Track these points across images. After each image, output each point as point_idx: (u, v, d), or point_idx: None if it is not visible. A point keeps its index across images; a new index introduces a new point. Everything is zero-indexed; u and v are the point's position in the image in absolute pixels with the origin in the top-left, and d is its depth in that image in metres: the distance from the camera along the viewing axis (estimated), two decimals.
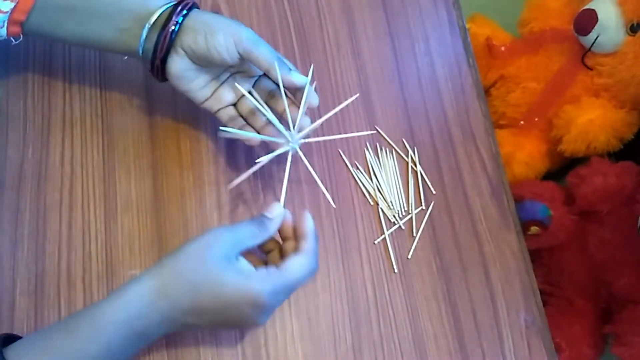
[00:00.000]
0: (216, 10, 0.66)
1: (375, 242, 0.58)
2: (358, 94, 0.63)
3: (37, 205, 0.56)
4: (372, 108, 0.64)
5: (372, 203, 0.60)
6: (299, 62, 0.65)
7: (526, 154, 1.10)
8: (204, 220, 0.57)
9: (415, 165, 0.62)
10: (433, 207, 0.61)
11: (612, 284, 0.98)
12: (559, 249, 1.04)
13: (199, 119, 0.60)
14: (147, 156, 0.59)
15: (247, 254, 0.47)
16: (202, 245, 0.43)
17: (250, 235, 0.45)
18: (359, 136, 0.62)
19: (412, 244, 0.59)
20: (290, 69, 0.50)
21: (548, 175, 1.15)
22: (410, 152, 0.62)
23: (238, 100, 0.54)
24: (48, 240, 0.55)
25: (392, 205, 0.60)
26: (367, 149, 0.62)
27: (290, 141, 0.51)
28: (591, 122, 1.01)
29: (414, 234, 0.59)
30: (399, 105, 0.65)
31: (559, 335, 0.99)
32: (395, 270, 0.58)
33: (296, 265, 0.45)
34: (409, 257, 0.58)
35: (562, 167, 1.16)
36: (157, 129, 0.60)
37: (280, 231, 0.49)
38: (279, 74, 0.48)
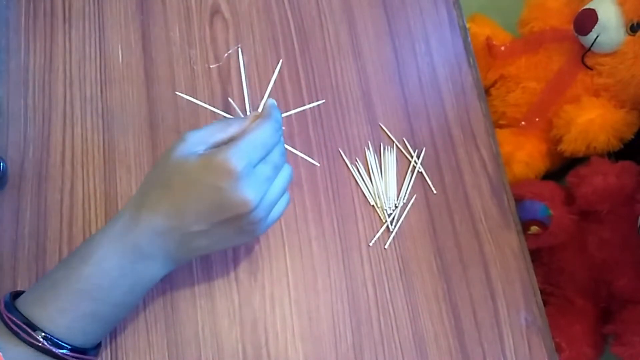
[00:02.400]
0: (216, 11, 0.66)
1: (370, 243, 0.58)
2: (324, 100, 0.63)
3: (37, 204, 0.56)
4: (372, 108, 0.64)
5: (372, 203, 0.60)
6: (300, 62, 0.65)
7: (526, 154, 1.10)
8: None
9: (418, 164, 0.62)
10: (434, 207, 0.61)
11: (612, 283, 0.98)
12: (559, 249, 1.04)
13: (200, 118, 0.60)
14: (148, 156, 0.59)
15: None
16: (166, 152, 0.43)
17: (218, 128, 0.44)
18: (358, 135, 0.62)
19: (412, 243, 0.59)
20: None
21: (548, 175, 1.14)
22: (411, 150, 0.62)
23: None
24: (49, 239, 0.55)
25: (387, 204, 0.60)
26: (368, 148, 0.62)
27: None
28: (591, 121, 1.01)
29: (390, 229, 0.59)
30: (399, 105, 0.65)
31: (559, 335, 0.99)
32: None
33: (254, 125, 0.43)
34: (386, 247, 0.58)
35: (562, 167, 1.16)
36: (157, 129, 0.60)
37: None
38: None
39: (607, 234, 0.98)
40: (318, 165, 0.60)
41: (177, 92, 0.51)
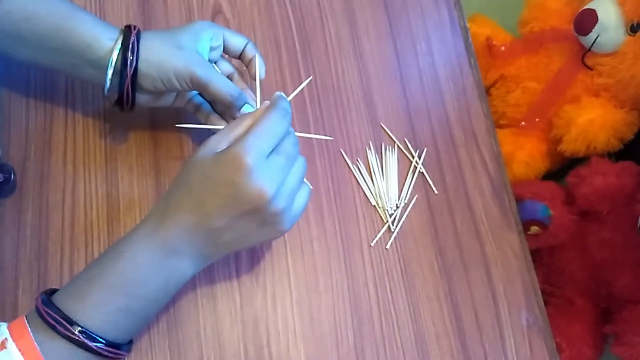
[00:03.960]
0: (218, 11, 0.66)
1: (372, 243, 0.58)
2: (311, 77, 0.64)
3: (39, 204, 0.56)
4: (373, 108, 0.64)
5: (373, 203, 0.60)
6: (301, 62, 0.65)
7: (526, 154, 1.10)
8: None
9: (419, 164, 0.62)
10: (435, 207, 0.61)
11: (612, 284, 0.99)
12: (559, 249, 1.04)
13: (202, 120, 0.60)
14: (150, 155, 0.59)
15: None
16: (191, 156, 0.45)
17: (233, 125, 0.45)
18: (359, 135, 0.62)
19: (413, 243, 0.59)
20: (245, 103, 0.52)
21: (548, 175, 1.15)
22: (412, 150, 0.62)
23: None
24: (50, 239, 0.55)
25: (388, 205, 0.60)
26: (369, 148, 0.62)
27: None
28: (591, 122, 1.02)
29: (392, 229, 0.59)
30: (400, 105, 0.65)
31: (559, 335, 0.99)
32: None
33: (261, 116, 0.45)
34: (387, 247, 0.58)
35: (562, 167, 1.16)
36: (159, 128, 0.60)
37: None
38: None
39: (607, 234, 0.98)
40: (332, 139, 0.61)
41: (177, 125, 0.54)
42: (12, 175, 0.56)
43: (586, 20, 1.00)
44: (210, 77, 0.50)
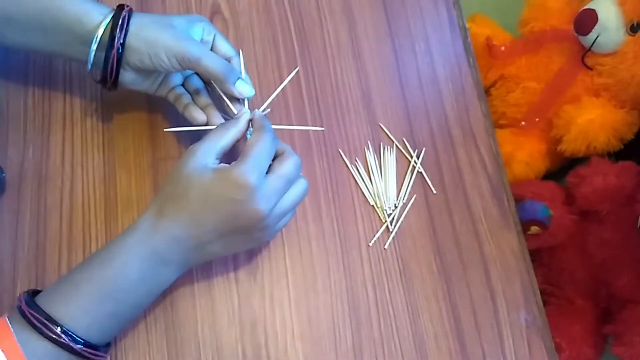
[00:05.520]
0: (216, 11, 0.66)
1: (370, 243, 0.58)
2: (298, 68, 0.63)
3: (37, 205, 0.56)
4: (372, 108, 0.64)
5: (371, 203, 0.60)
6: (300, 62, 0.65)
7: (526, 154, 1.10)
8: None
9: (417, 164, 0.62)
10: (433, 207, 0.61)
11: (612, 283, 0.98)
12: (559, 249, 1.04)
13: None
14: (148, 156, 0.59)
15: None
16: (179, 166, 0.46)
17: (218, 137, 0.48)
18: (358, 135, 0.62)
19: (411, 243, 0.59)
20: (238, 78, 0.52)
21: (548, 175, 1.14)
22: (411, 150, 0.62)
23: (184, 79, 0.56)
24: (48, 240, 0.55)
25: (386, 204, 0.60)
26: (368, 148, 0.62)
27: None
28: (591, 121, 1.01)
29: (390, 229, 0.59)
30: (399, 105, 0.65)
31: (559, 335, 0.99)
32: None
33: (254, 139, 0.47)
34: (385, 247, 0.58)
35: (562, 167, 1.16)
36: (157, 129, 0.60)
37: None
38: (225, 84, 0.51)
39: (607, 234, 0.98)
40: (323, 129, 0.61)
41: (165, 129, 0.55)
42: (1, 174, 0.56)
43: (586, 20, 1.00)
44: (201, 53, 0.49)
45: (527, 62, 1.15)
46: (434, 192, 0.61)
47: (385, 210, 0.59)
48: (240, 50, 0.55)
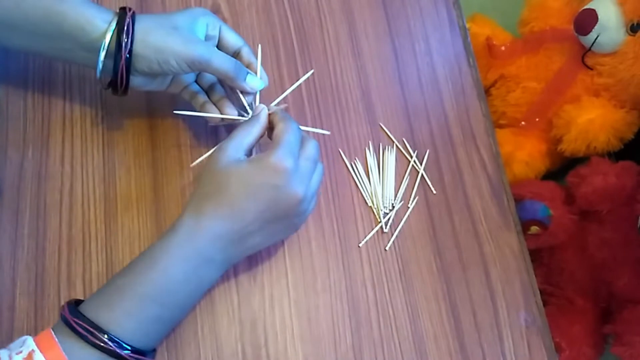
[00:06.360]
0: (216, 10, 0.66)
1: (360, 244, 0.58)
2: (313, 70, 0.63)
3: (37, 205, 0.56)
4: (372, 108, 0.64)
5: (369, 204, 0.60)
6: (299, 62, 0.65)
7: (526, 154, 1.10)
8: None
9: (417, 164, 0.62)
10: (433, 207, 0.61)
11: (612, 283, 0.98)
12: (559, 249, 1.04)
13: (199, 118, 0.60)
14: (147, 156, 0.59)
15: None
16: (211, 164, 0.47)
17: (244, 133, 0.49)
18: (358, 135, 0.62)
19: (411, 243, 0.59)
20: (247, 73, 0.53)
21: (548, 175, 1.14)
22: (411, 150, 0.62)
23: (197, 75, 0.57)
24: (48, 240, 0.55)
25: (383, 205, 0.59)
26: (368, 148, 0.62)
27: (251, 114, 0.53)
28: (591, 121, 1.01)
29: (385, 230, 0.59)
30: (399, 105, 0.65)
31: (559, 335, 0.98)
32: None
33: (283, 128, 0.48)
34: (387, 249, 0.58)
35: (562, 167, 1.16)
36: (157, 129, 0.60)
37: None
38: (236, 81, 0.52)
39: (607, 234, 0.98)
40: (329, 133, 0.61)
41: (175, 111, 0.55)
42: None
43: (586, 20, 1.00)
44: (210, 55, 0.49)
45: (527, 62, 1.15)
46: (434, 192, 0.61)
47: (382, 210, 0.59)
48: (259, 46, 0.56)
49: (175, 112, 0.54)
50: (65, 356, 0.40)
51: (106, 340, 0.41)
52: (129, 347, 0.42)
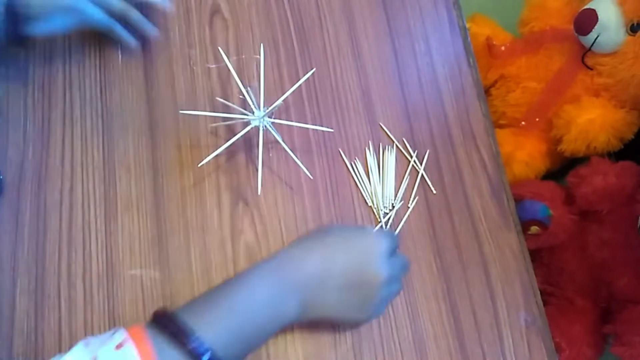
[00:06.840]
0: (216, 10, 0.66)
1: None
2: (315, 69, 0.64)
3: (37, 205, 0.56)
4: (372, 108, 0.64)
5: (369, 203, 0.60)
6: (299, 62, 0.65)
7: (526, 154, 1.10)
8: (204, 220, 0.57)
9: (417, 164, 0.62)
10: (433, 207, 0.61)
11: (612, 283, 0.98)
12: (559, 249, 1.04)
13: (199, 118, 0.60)
14: (147, 156, 0.59)
15: None
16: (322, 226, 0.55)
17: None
18: (358, 135, 0.62)
19: (411, 243, 0.59)
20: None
21: (548, 175, 1.14)
22: (411, 150, 0.62)
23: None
24: (48, 240, 0.55)
25: (382, 204, 0.60)
26: (368, 148, 0.62)
27: (255, 116, 0.53)
28: (591, 121, 1.01)
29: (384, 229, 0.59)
30: (399, 105, 0.65)
31: (559, 335, 0.99)
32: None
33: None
34: None
35: (562, 167, 1.16)
36: (157, 129, 0.60)
37: None
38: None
39: (607, 234, 0.98)
40: (332, 130, 0.62)
41: (181, 111, 0.56)
42: (0, 176, 0.56)
43: (586, 20, 1.00)
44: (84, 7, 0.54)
45: (527, 62, 1.15)
46: (434, 192, 0.61)
47: (382, 209, 0.59)
48: (261, 45, 0.56)
49: (181, 112, 0.54)
50: (156, 351, 0.41)
51: (193, 344, 0.42)
52: (209, 351, 0.43)
